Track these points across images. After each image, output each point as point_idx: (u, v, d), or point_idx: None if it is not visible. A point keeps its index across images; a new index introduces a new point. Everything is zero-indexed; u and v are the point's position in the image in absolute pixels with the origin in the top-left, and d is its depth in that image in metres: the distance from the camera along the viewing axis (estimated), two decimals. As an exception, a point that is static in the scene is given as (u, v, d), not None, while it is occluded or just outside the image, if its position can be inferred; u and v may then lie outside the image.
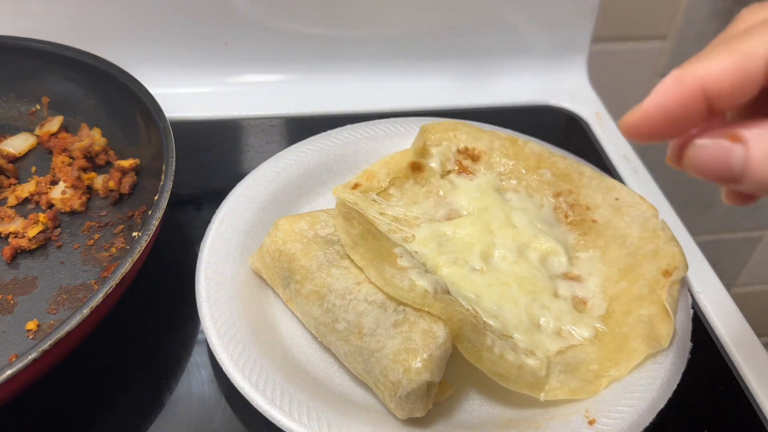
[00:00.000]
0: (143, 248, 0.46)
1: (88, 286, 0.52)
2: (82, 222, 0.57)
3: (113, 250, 0.55)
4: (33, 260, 0.54)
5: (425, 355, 0.41)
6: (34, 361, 0.39)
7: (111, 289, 0.43)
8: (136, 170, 0.60)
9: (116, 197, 0.58)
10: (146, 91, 0.59)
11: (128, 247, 0.55)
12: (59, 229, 0.57)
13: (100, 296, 0.42)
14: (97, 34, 0.70)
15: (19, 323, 0.50)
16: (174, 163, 0.52)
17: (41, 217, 0.56)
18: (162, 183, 0.51)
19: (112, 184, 0.58)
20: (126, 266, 0.44)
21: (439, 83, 0.79)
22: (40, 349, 0.39)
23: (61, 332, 0.40)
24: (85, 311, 0.41)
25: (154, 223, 0.47)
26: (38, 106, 0.66)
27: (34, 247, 0.55)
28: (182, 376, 0.48)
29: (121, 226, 0.57)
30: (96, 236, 0.56)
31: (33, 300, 0.51)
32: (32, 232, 0.55)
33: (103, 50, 0.71)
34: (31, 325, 0.49)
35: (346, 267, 0.47)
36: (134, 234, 0.56)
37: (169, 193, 0.50)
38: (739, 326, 0.55)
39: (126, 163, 0.59)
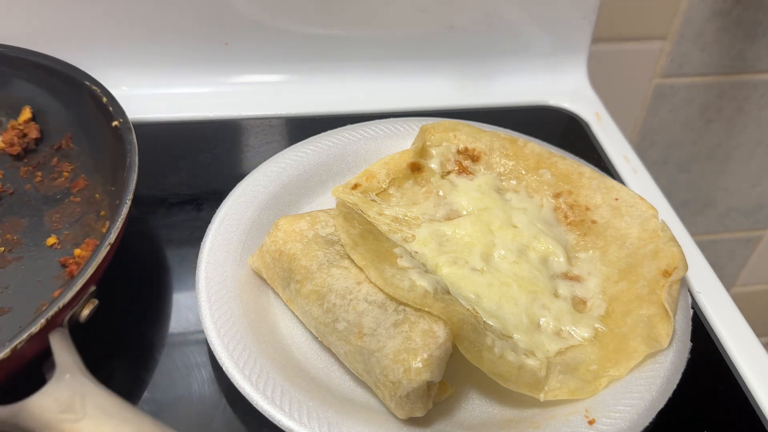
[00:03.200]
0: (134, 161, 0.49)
1: (70, 203, 0.56)
2: (16, 168, 0.59)
3: (65, 174, 0.57)
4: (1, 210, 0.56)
5: (425, 355, 0.41)
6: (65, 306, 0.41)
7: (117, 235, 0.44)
8: (34, 117, 0.61)
9: (30, 142, 0.59)
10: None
11: (78, 165, 0.58)
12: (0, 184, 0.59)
13: (113, 233, 0.45)
14: (97, 34, 0.70)
15: (39, 244, 0.53)
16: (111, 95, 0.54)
17: None
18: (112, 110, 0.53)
19: (17, 139, 0.59)
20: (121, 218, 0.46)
21: (439, 83, 0.79)
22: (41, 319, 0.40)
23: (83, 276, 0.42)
24: (109, 240, 0.44)
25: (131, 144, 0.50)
26: None
27: None
28: (182, 376, 0.48)
29: (55, 158, 0.59)
30: (38, 174, 0.58)
31: (32, 230, 0.54)
32: None
33: (103, 50, 0.71)
34: (51, 240, 0.53)
35: (347, 267, 0.47)
36: (73, 168, 0.57)
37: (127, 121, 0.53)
38: (738, 326, 0.55)
39: (23, 118, 0.60)
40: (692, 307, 0.52)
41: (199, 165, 0.66)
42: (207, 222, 0.54)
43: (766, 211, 1.19)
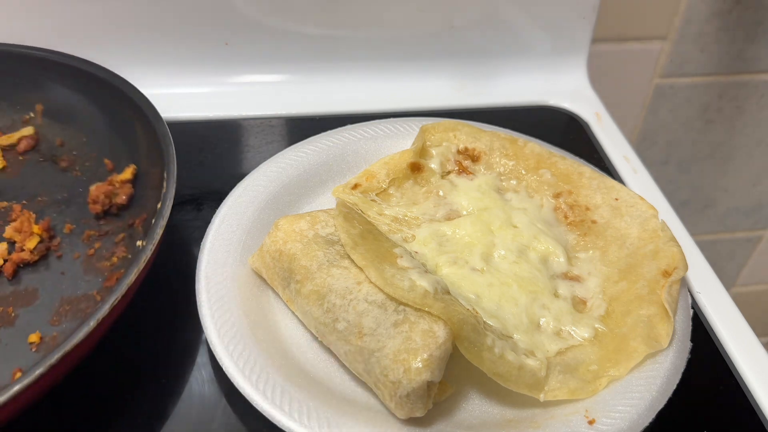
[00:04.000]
0: (148, 258, 0.44)
1: (90, 297, 0.52)
2: (81, 230, 0.56)
3: (114, 259, 0.53)
4: (33, 272, 0.53)
5: (425, 355, 0.41)
6: (41, 376, 0.37)
7: (116, 301, 0.41)
8: (134, 179, 0.58)
9: (114, 210, 0.56)
10: (142, 95, 0.58)
11: (129, 255, 0.53)
12: (58, 239, 0.55)
13: (106, 308, 0.41)
14: (96, 34, 0.70)
15: (21, 336, 0.49)
16: (175, 170, 0.51)
17: (35, 228, 0.54)
18: (164, 190, 0.49)
19: (104, 198, 0.56)
20: (131, 277, 0.43)
21: (439, 83, 0.79)
22: (47, 364, 0.37)
23: (68, 346, 0.38)
24: (92, 323, 0.40)
25: (158, 232, 0.46)
26: (32, 114, 0.64)
27: (36, 259, 0.54)
28: (182, 376, 0.48)
29: (122, 235, 0.55)
30: (96, 245, 0.55)
31: (34, 312, 0.51)
32: (30, 243, 0.53)
33: (103, 51, 0.71)
34: (34, 337, 0.49)
35: (347, 267, 0.47)
36: (138, 243, 0.54)
37: (171, 201, 0.48)
38: (738, 326, 0.55)
39: (123, 177, 0.57)
40: (692, 307, 0.52)
41: (199, 165, 0.66)
42: (207, 222, 0.54)
43: (766, 211, 1.19)
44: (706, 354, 0.52)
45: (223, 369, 0.44)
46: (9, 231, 0.54)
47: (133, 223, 0.55)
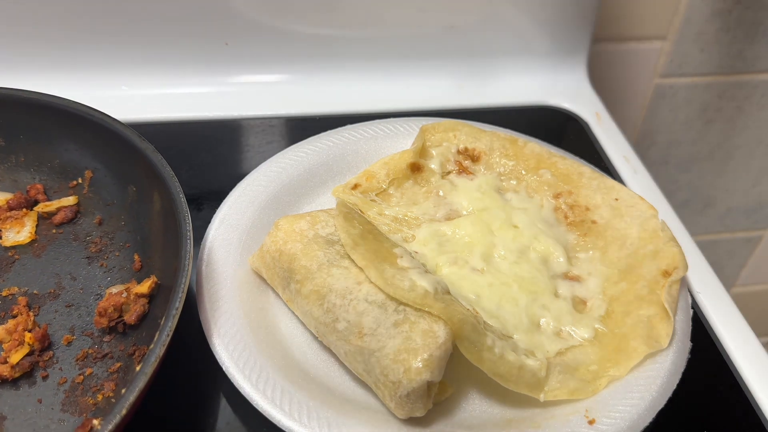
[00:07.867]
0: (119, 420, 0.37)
1: None
2: (79, 346, 0.48)
3: (99, 397, 0.45)
4: (9, 390, 0.45)
5: (425, 355, 0.41)
6: None
7: None
8: (151, 293, 0.50)
9: (121, 328, 0.49)
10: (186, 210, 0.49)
11: (114, 399, 0.45)
12: (51, 353, 0.47)
13: None
14: (97, 34, 0.70)
15: None
16: (183, 297, 0.43)
17: (27, 336, 0.46)
18: (159, 329, 0.41)
19: (112, 311, 0.48)
20: None
21: (439, 83, 0.79)
22: None
23: None
24: None
25: (125, 406, 0.37)
26: (80, 180, 0.58)
27: (17, 376, 0.45)
28: (183, 376, 0.48)
29: (118, 364, 0.47)
30: (88, 371, 0.46)
31: None
32: (16, 357, 0.46)
33: (105, 50, 0.71)
34: None
35: (347, 267, 0.47)
36: (122, 390, 0.45)
37: (165, 346, 0.41)
38: (738, 326, 0.55)
39: (140, 289, 0.49)
40: (692, 307, 0.52)
41: (199, 165, 0.66)
42: (207, 222, 0.54)
43: (766, 211, 1.19)
44: (706, 354, 0.52)
45: (224, 369, 0.44)
46: (0, 332, 0.47)
47: (133, 353, 0.47)
